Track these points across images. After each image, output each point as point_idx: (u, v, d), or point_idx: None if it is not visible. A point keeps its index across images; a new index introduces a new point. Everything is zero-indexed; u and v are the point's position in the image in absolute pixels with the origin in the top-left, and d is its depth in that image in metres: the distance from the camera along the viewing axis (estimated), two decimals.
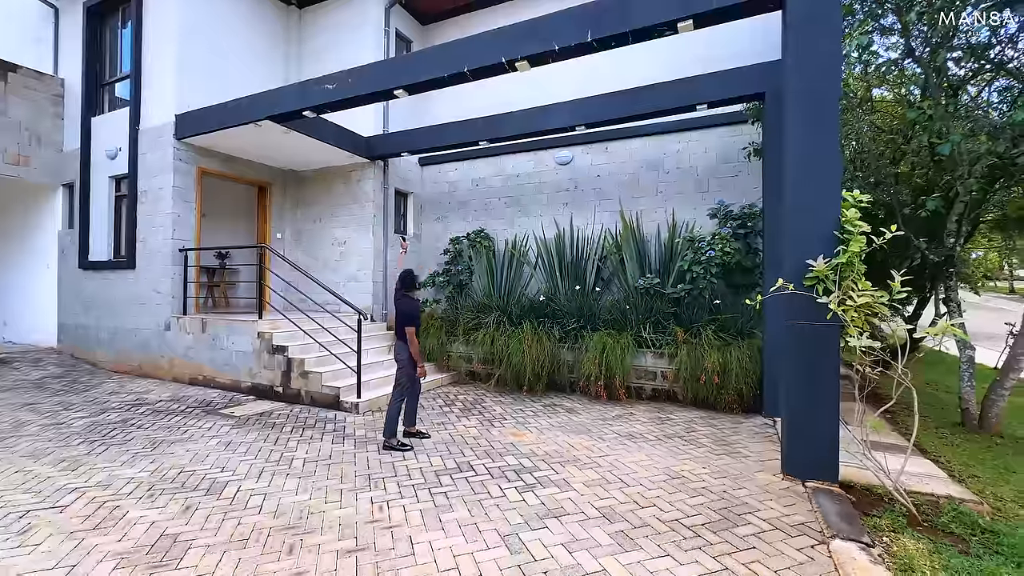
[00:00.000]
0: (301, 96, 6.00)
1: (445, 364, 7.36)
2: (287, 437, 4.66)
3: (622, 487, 3.52)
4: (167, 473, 3.73)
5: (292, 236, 9.23)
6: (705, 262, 6.14)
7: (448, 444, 4.48)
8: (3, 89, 8.16)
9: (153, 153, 7.41)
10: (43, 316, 9.09)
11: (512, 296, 7.76)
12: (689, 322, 6.27)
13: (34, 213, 9.26)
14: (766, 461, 4.07)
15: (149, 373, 7.43)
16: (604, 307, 6.98)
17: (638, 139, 7.69)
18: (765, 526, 2.94)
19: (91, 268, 8.22)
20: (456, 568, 2.49)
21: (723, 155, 7.10)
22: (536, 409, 5.77)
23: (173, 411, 5.55)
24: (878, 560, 2.52)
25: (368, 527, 2.93)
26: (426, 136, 7.75)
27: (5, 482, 3.53)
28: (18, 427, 4.86)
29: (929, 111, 4.80)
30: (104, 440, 4.49)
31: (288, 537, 2.81)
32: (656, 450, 4.34)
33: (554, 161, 8.27)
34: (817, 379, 3.51)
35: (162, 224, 7.26)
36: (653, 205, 7.53)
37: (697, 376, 5.68)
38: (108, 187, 8.13)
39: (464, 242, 8.70)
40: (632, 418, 5.39)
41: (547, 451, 4.30)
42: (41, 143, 8.63)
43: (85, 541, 2.74)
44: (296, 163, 8.67)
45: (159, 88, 7.40)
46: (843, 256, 3.32)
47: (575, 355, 6.59)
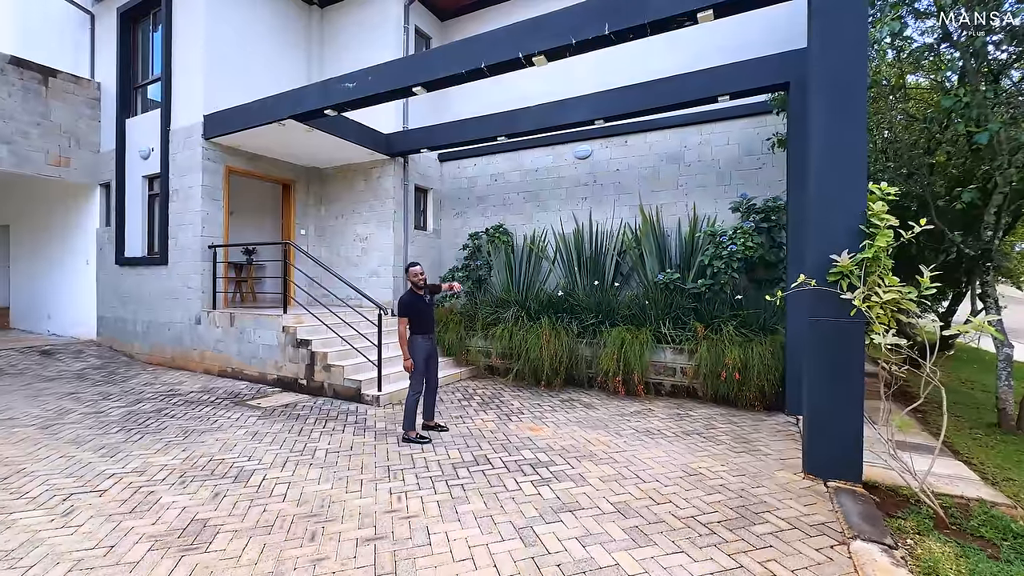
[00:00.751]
0: (322, 95, 6.11)
1: (464, 358, 7.43)
2: (311, 428, 4.80)
3: (638, 483, 3.52)
4: (198, 461, 3.90)
5: (316, 232, 9.44)
6: (727, 257, 6.03)
7: (466, 437, 4.55)
8: (44, 94, 8.55)
9: (183, 153, 7.67)
10: (84, 310, 9.54)
11: (530, 291, 7.77)
12: (710, 318, 6.18)
13: (74, 212, 9.70)
14: (787, 460, 4.00)
15: (181, 365, 7.74)
16: (623, 302, 6.93)
17: (658, 132, 7.58)
18: (783, 525, 2.90)
19: (127, 264, 8.58)
20: (471, 559, 2.55)
21: (746, 147, 6.94)
22: (554, 404, 5.79)
23: (204, 402, 5.77)
24: (900, 563, 2.46)
25: (386, 517, 3.01)
26: (444, 132, 7.80)
27: (51, 467, 3.75)
28: (62, 415, 5.14)
29: (966, 98, 4.59)
30: (140, 429, 4.71)
31: (310, 524, 2.91)
32: (674, 447, 4.31)
33: (572, 155, 8.22)
34: (841, 376, 3.42)
35: (192, 222, 7.52)
36: (673, 199, 7.42)
37: (718, 372, 5.60)
38: (142, 186, 8.45)
39: (483, 237, 8.75)
40: (650, 414, 5.36)
41: (564, 446, 4.32)
42: (80, 144, 9.02)
43: (123, 523, 2.90)
44: (319, 161, 8.84)
45: (188, 90, 7.64)
46: (868, 251, 3.22)
47: (593, 350, 6.58)
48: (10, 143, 8.11)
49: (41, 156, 8.47)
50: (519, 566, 2.48)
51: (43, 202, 10.26)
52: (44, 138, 8.52)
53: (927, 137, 5.92)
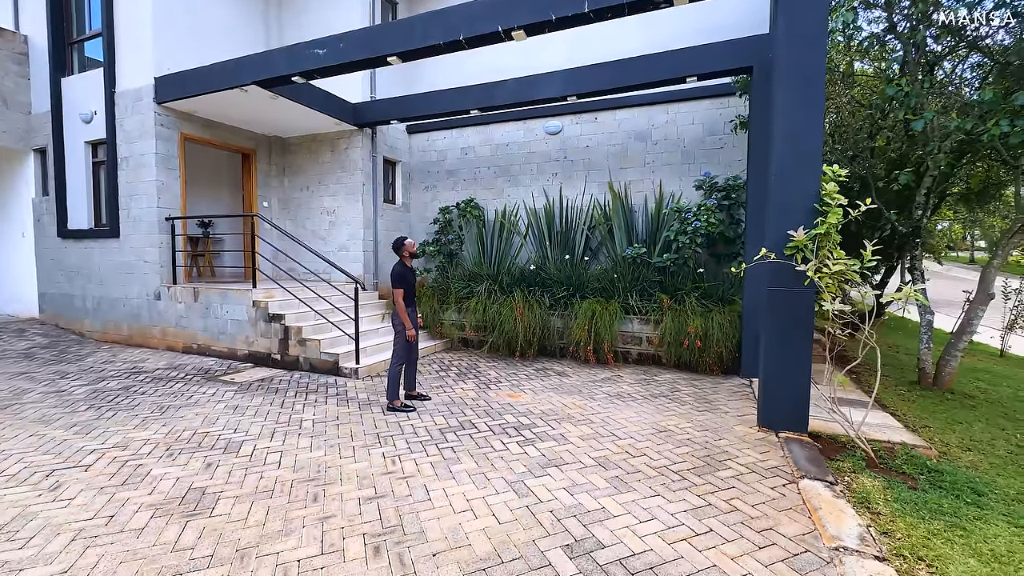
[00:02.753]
0: (290, 61, 5.88)
1: (438, 331, 7.56)
2: (292, 401, 4.84)
3: (614, 440, 3.84)
4: (181, 435, 3.88)
5: (279, 205, 9.13)
6: (691, 232, 6.39)
7: (449, 405, 4.73)
8: None
9: (132, 118, 7.17)
10: (21, 286, 8.89)
11: (503, 265, 7.93)
12: (674, 290, 6.57)
13: (7, 179, 8.91)
14: (743, 416, 4.44)
15: (140, 342, 7.44)
16: (593, 276, 7.22)
17: (627, 109, 7.77)
18: (743, 470, 3.29)
19: (71, 237, 8.04)
20: (470, 510, 2.76)
21: (710, 127, 7.26)
22: (529, 373, 6.05)
23: (173, 378, 5.64)
24: (840, 495, 2.88)
25: (384, 478, 3.17)
26: (416, 103, 7.68)
27: (23, 445, 3.64)
28: (19, 395, 4.91)
29: (906, 88, 5.03)
30: (110, 406, 4.59)
31: (311, 488, 3.03)
32: (643, 408, 4.67)
33: (544, 131, 8.30)
34: (793, 340, 3.82)
35: (146, 192, 7.12)
36: (641, 176, 7.70)
37: (680, 341, 6.01)
38: (85, 152, 7.86)
39: (454, 212, 8.77)
40: (620, 380, 5.72)
41: (543, 410, 4.59)
42: (7, 105, 8.23)
43: (117, 495, 2.91)
44: (281, 129, 8.49)
45: (134, 49, 7.10)
46: (821, 227, 3.58)
47: (565, 322, 6.86)
48: None
49: None
50: (515, 514, 2.72)
51: None
52: None
53: (871, 123, 6.43)
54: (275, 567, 2.25)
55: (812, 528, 2.59)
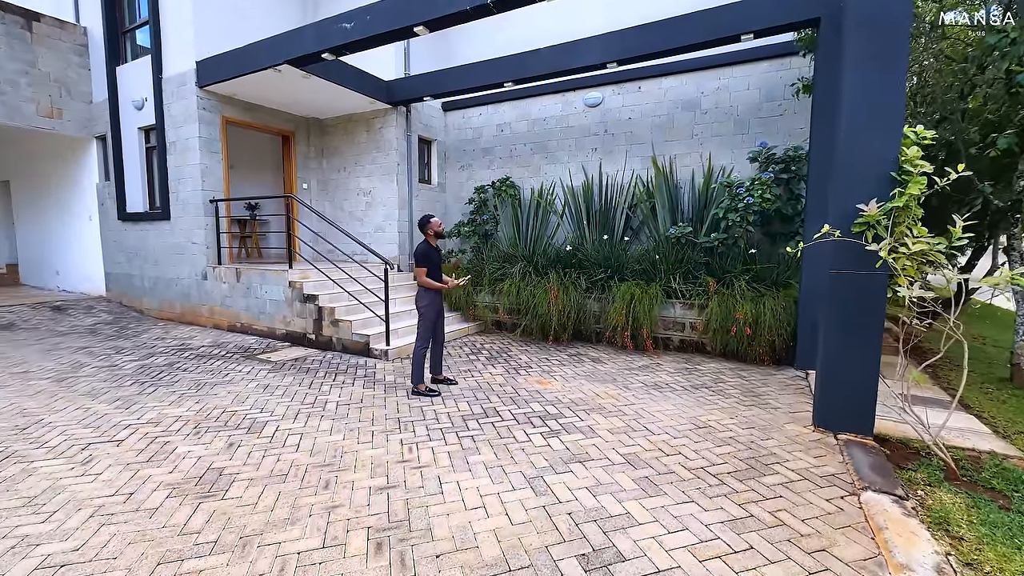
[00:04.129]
0: (319, 37, 5.77)
1: (471, 313, 7.42)
2: (320, 381, 4.85)
3: (647, 435, 3.53)
4: (211, 413, 3.95)
5: (318, 186, 9.24)
6: (743, 209, 5.83)
7: (475, 391, 4.58)
8: (30, 40, 8.17)
9: (178, 103, 7.37)
10: (91, 266, 9.54)
11: (538, 246, 7.64)
12: (722, 272, 6.05)
13: (73, 166, 9.51)
14: (796, 413, 3.99)
15: (191, 320, 7.79)
16: (633, 257, 6.80)
17: (673, 76, 7.16)
18: (793, 476, 2.91)
19: (129, 220, 8.48)
20: (483, 507, 2.58)
21: (767, 92, 6.56)
22: (562, 358, 5.80)
23: (215, 356, 5.83)
24: (911, 512, 2.47)
25: (398, 467, 3.05)
26: (449, 78, 7.42)
27: (68, 417, 3.82)
28: (76, 368, 5.21)
29: (1013, 34, 4.22)
30: (153, 382, 4.77)
31: (324, 474, 2.96)
32: (683, 400, 4.31)
33: (583, 103, 7.84)
34: (859, 329, 3.34)
35: (191, 175, 7.34)
36: (688, 149, 7.11)
37: (728, 327, 5.54)
38: (138, 138, 8.21)
39: (489, 191, 8.53)
40: (659, 368, 5.36)
41: (572, 399, 4.34)
42: (71, 95, 8.71)
43: (140, 472, 2.96)
44: (318, 110, 8.51)
45: (178, 34, 7.25)
46: (899, 199, 3.05)
47: (602, 305, 6.52)
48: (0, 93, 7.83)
49: (32, 107, 8.21)
50: (531, 514, 2.51)
51: (41, 157, 10.04)
52: (33, 88, 8.22)
53: (963, 80, 5.54)
54: (274, 558, 2.16)
55: (875, 552, 2.21)
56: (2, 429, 3.58)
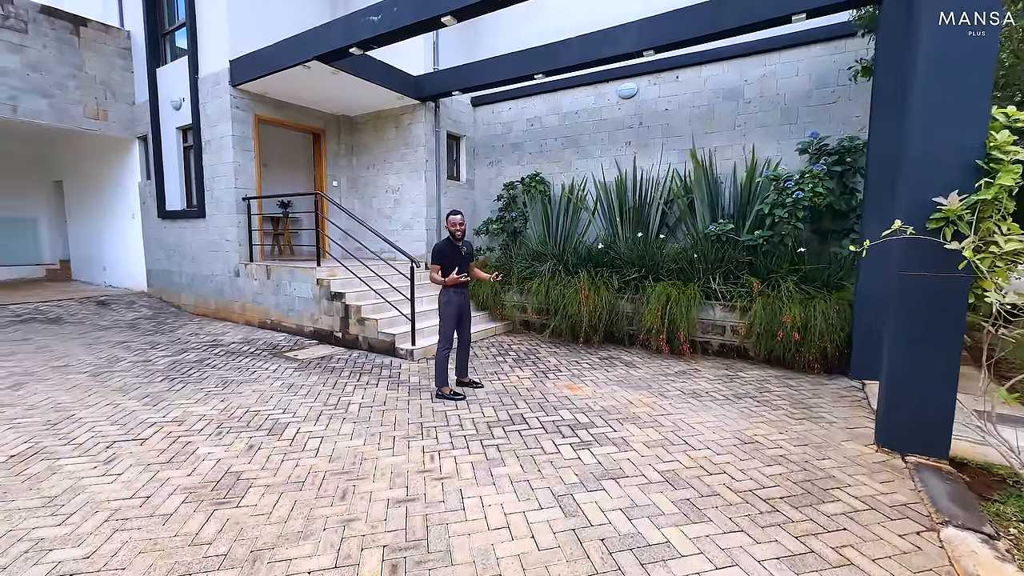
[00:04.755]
0: (346, 31, 5.68)
1: (499, 313, 7.23)
2: (344, 382, 4.76)
3: (687, 450, 3.25)
4: (234, 412, 3.90)
5: (348, 184, 9.25)
6: (791, 205, 5.40)
7: (501, 395, 4.38)
8: (77, 44, 8.47)
9: (212, 102, 7.48)
10: (134, 263, 9.88)
11: (568, 244, 7.38)
12: (766, 272, 5.64)
13: (117, 166, 9.86)
14: (855, 429, 3.61)
15: (224, 316, 7.92)
16: (669, 255, 6.44)
17: (714, 64, 6.75)
18: (857, 504, 2.58)
19: (168, 218, 8.70)
20: (507, 527, 2.38)
21: (819, 78, 6.07)
22: (592, 362, 5.54)
23: (244, 353, 5.85)
24: (1006, 556, 2.11)
25: (419, 477, 2.88)
26: (477, 71, 7.24)
27: (98, 414, 3.84)
28: (112, 363, 5.31)
29: None
30: (182, 378, 4.80)
31: (342, 482, 2.82)
32: (725, 411, 3.99)
33: (616, 95, 7.51)
34: (934, 339, 2.95)
35: (224, 173, 7.44)
36: (729, 141, 6.69)
37: (773, 332, 5.14)
38: (176, 138, 8.40)
39: (518, 187, 8.31)
40: (697, 375, 5.02)
41: (604, 406, 4.08)
42: (116, 97, 9.00)
43: (160, 474, 2.90)
44: (347, 107, 8.50)
45: (213, 34, 7.35)
46: (987, 191, 2.65)
47: (635, 306, 6.21)
48: (49, 96, 8.15)
49: (79, 109, 8.52)
50: (559, 538, 2.29)
51: (89, 157, 10.47)
52: (81, 90, 8.53)
53: None
54: None
55: None
56: (35, 424, 3.62)
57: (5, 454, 3.13)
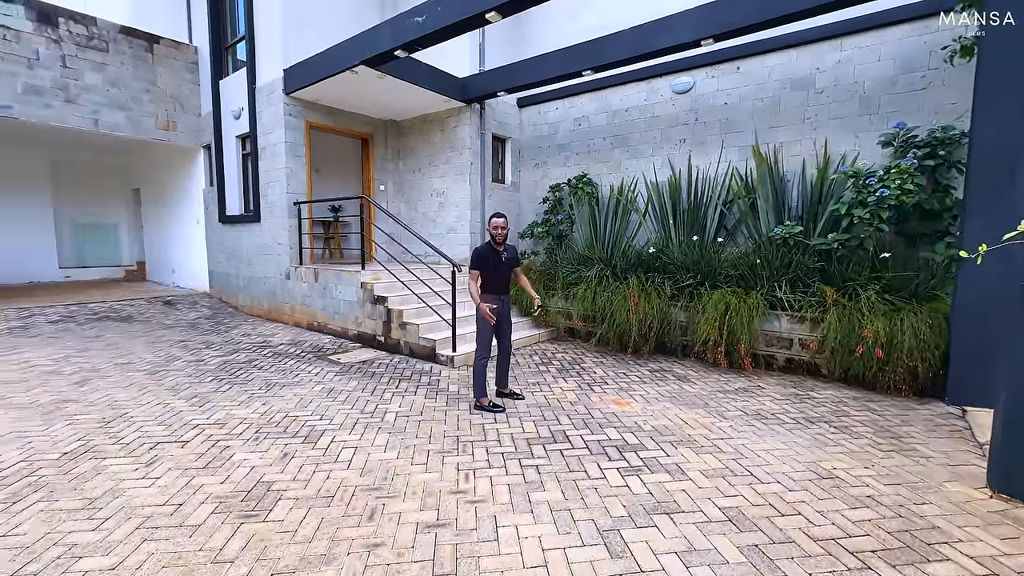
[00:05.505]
0: (391, 34, 5.66)
1: (543, 319, 6.97)
2: (383, 388, 4.67)
3: (752, 482, 2.86)
4: (274, 417, 3.88)
5: (394, 188, 9.33)
6: (873, 204, 4.79)
7: (543, 408, 4.12)
8: (151, 60, 9.06)
9: (268, 110, 7.74)
10: (198, 265, 10.45)
11: (617, 248, 7.01)
12: (842, 280, 5.06)
13: (184, 174, 10.48)
14: (958, 467, 3.07)
15: (275, 317, 8.16)
16: (727, 261, 5.95)
17: (781, 52, 6.18)
18: (975, 568, 2.12)
19: (228, 222, 9.11)
20: (544, 566, 2.12)
21: (905, 62, 5.40)
22: (642, 374, 5.16)
23: (290, 354, 5.94)
24: None
25: (451, 498, 2.68)
26: (523, 70, 7.04)
27: (149, 413, 3.94)
28: (169, 362, 5.53)
29: None
30: (230, 379, 4.89)
31: (371, 499, 2.67)
32: (795, 437, 3.53)
33: (670, 90, 7.07)
34: None
35: (278, 179, 7.66)
36: (797, 136, 6.10)
37: (851, 347, 4.57)
38: (236, 146, 8.78)
39: (565, 189, 8.03)
40: (760, 392, 4.54)
41: (655, 426, 3.73)
42: (184, 108, 9.56)
43: (195, 480, 2.87)
44: (394, 112, 8.56)
45: (269, 45, 7.60)
46: None
47: (689, 315, 5.76)
48: (126, 109, 8.76)
49: (151, 121, 9.10)
50: None
51: (161, 166, 11.22)
52: (153, 104, 9.11)
53: None
54: None
55: None
56: (91, 420, 3.75)
57: (59, 451, 3.23)
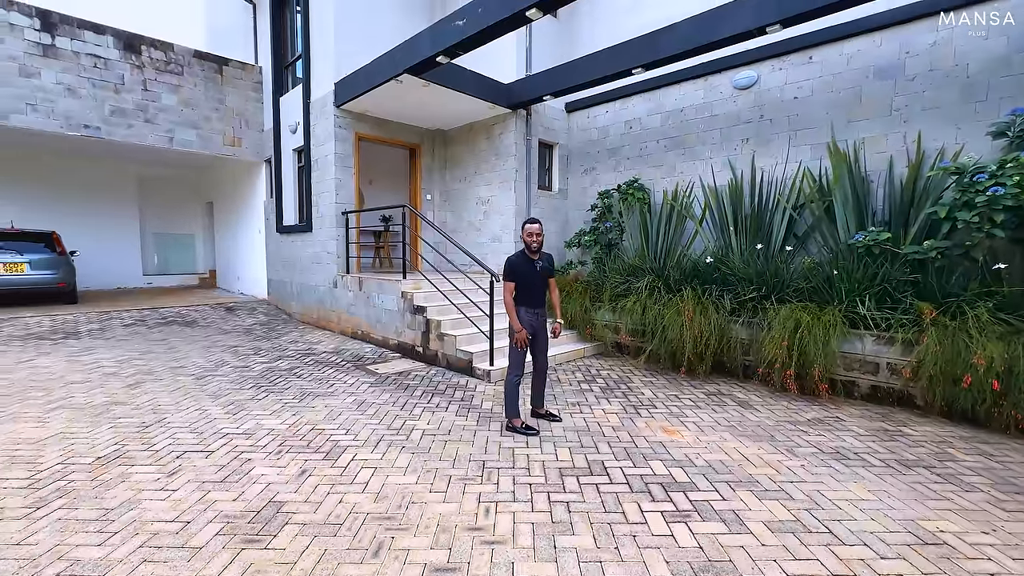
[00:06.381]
0: (433, 40, 5.58)
1: (589, 333, 6.56)
2: (415, 402, 4.48)
3: (831, 543, 2.33)
4: (300, 429, 3.78)
5: (441, 197, 9.30)
6: (984, 205, 4.03)
7: (580, 433, 3.74)
8: (220, 81, 9.67)
9: (319, 123, 7.96)
10: (259, 272, 10.96)
11: (670, 257, 6.50)
12: (942, 295, 4.29)
13: (248, 187, 11.08)
14: None
15: (324, 325, 8.31)
16: (798, 272, 5.30)
17: (861, 37, 5.48)
18: None
19: (285, 232, 9.46)
20: None
21: (1020, 39, 4.57)
22: (696, 397, 4.64)
23: (331, 363, 5.93)
24: None
25: (467, 537, 2.39)
26: (570, 72, 6.75)
27: (185, 419, 3.97)
28: (218, 367, 5.67)
29: None
30: (268, 386, 4.90)
31: (380, 531, 2.43)
32: (886, 485, 2.92)
33: (731, 85, 6.50)
34: None
35: (328, 189, 7.83)
36: (883, 129, 5.35)
37: (956, 374, 3.82)
38: (293, 159, 9.13)
39: (614, 195, 7.61)
40: (839, 425, 3.89)
41: (709, 460, 3.24)
42: (248, 125, 10.12)
43: (209, 495, 2.77)
44: (441, 121, 8.54)
45: (322, 60, 7.83)
46: None
47: (752, 332, 5.16)
48: (197, 127, 9.37)
49: (220, 138, 9.68)
50: None
51: (230, 180, 11.96)
52: (221, 121, 9.70)
53: None
54: None
55: None
56: (132, 424, 3.83)
57: (94, 455, 3.27)
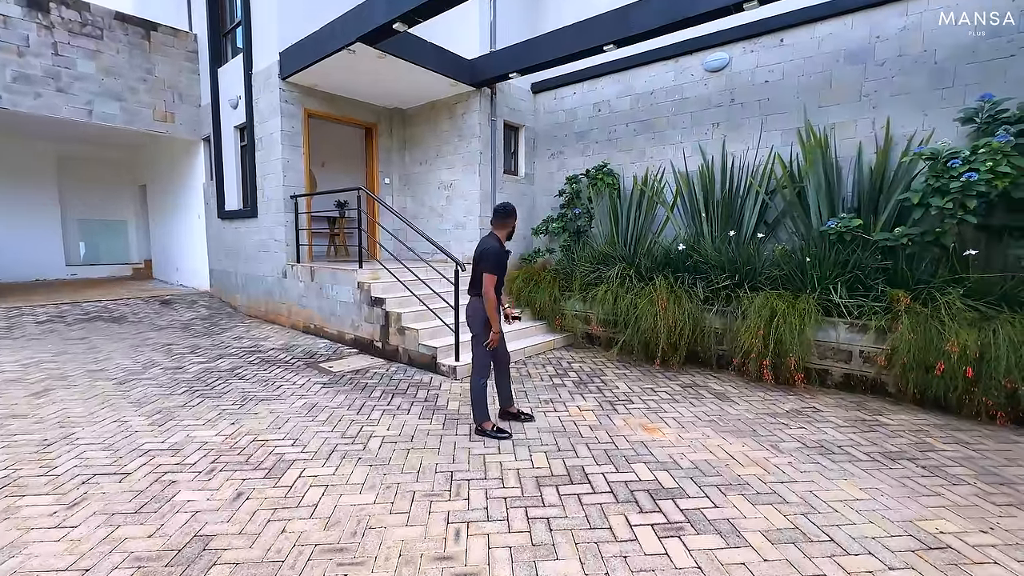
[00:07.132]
0: (389, 4, 5.04)
1: (558, 324, 6.30)
2: (373, 404, 4.06)
3: (835, 553, 2.15)
4: (239, 441, 3.30)
5: (400, 181, 8.75)
6: (958, 191, 4.00)
7: (556, 434, 3.46)
8: (148, 48, 8.64)
9: (263, 97, 7.22)
10: (199, 262, 10.04)
11: (641, 245, 6.29)
12: (914, 282, 4.28)
13: (186, 168, 10.07)
14: None
15: (272, 319, 7.66)
16: (770, 259, 5.21)
17: (833, 20, 5.39)
18: None
19: (227, 218, 8.65)
20: None
21: (990, 25, 4.56)
22: (672, 389, 4.46)
23: (279, 362, 5.39)
24: None
25: (434, 568, 2.04)
26: (536, 48, 6.37)
27: (99, 434, 3.40)
28: (146, 368, 5.02)
29: None
30: (204, 391, 4.34)
31: (331, 567, 2.05)
32: (876, 481, 2.80)
33: (702, 68, 6.31)
34: None
35: (274, 171, 7.14)
36: (852, 115, 5.30)
37: (929, 362, 3.79)
38: (234, 137, 8.30)
39: (583, 181, 7.33)
40: (818, 416, 3.80)
41: (695, 461, 3.03)
42: (182, 99, 9.13)
43: (118, 531, 2.30)
44: (399, 99, 7.97)
45: (265, 28, 7.07)
46: None
47: (726, 321, 5.04)
48: (121, 99, 8.35)
49: (148, 112, 8.68)
50: None
51: (165, 161, 10.85)
52: (150, 93, 8.69)
53: None
54: None
55: None
56: (31, 443, 3.23)
57: None
